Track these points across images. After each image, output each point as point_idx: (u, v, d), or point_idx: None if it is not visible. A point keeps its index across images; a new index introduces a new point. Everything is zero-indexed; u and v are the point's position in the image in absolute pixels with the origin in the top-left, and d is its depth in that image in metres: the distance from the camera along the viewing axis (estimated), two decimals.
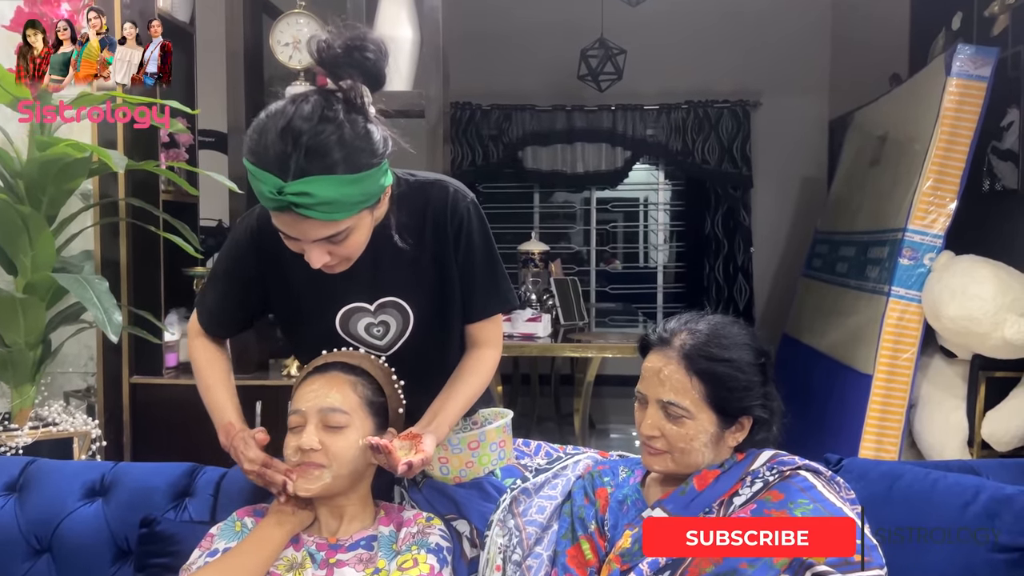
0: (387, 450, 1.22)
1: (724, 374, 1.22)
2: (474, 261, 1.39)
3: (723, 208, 6.15)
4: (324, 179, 1.11)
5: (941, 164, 3.22)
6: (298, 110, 1.13)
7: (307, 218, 1.14)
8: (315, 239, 1.18)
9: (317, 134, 1.11)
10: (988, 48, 3.24)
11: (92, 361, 2.40)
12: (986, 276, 2.90)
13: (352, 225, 1.19)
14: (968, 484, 1.31)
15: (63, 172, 1.96)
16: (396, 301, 1.38)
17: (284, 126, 1.12)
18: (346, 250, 1.23)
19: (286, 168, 1.11)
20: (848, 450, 3.20)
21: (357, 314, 1.39)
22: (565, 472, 1.41)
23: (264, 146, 1.12)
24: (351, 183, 1.14)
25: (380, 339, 1.41)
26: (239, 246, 1.41)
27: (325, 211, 1.13)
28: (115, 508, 1.50)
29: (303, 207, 1.12)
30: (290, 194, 1.11)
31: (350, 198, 1.15)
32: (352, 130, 1.14)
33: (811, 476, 1.20)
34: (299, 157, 1.10)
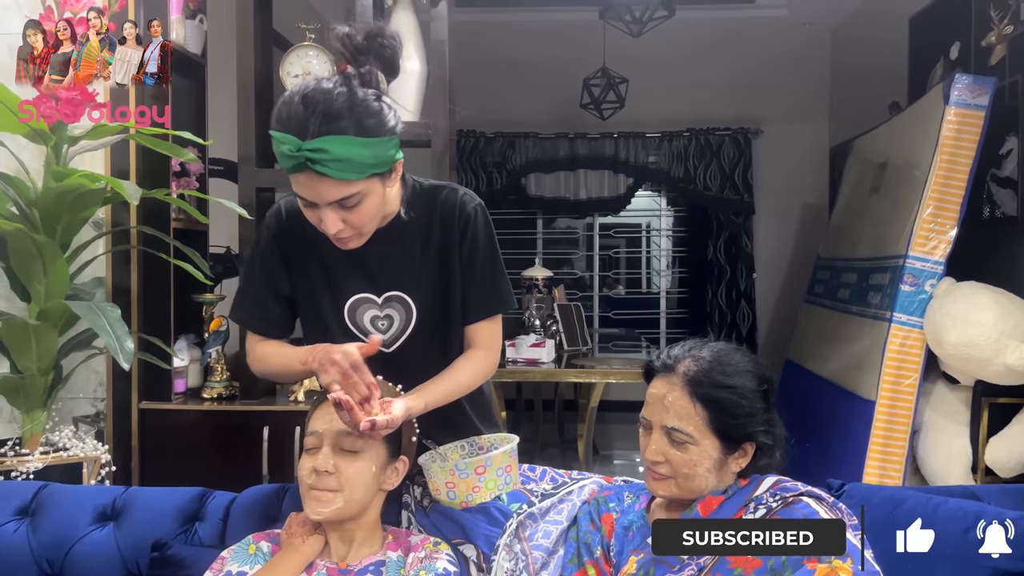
0: (348, 406, 1.23)
1: (727, 400, 1.24)
2: (476, 260, 1.47)
3: (725, 234, 6.19)
4: (337, 138, 1.23)
5: (941, 191, 3.25)
6: (318, 84, 1.27)
7: (323, 177, 1.25)
8: (330, 201, 1.28)
9: (332, 101, 1.24)
10: (986, 78, 3.28)
11: (101, 387, 2.42)
12: (987, 303, 2.92)
13: (363, 190, 1.29)
14: (969, 509, 1.32)
15: (77, 202, 1.99)
16: (401, 296, 1.46)
17: (304, 95, 1.25)
18: (358, 218, 1.31)
19: (304, 129, 1.23)
20: (852, 476, 3.21)
21: (364, 305, 1.46)
22: (571, 497, 1.43)
23: (287, 113, 1.25)
24: (362, 145, 1.25)
25: (384, 332, 1.46)
26: (267, 234, 1.50)
27: (338, 168, 1.24)
28: (126, 532, 1.52)
29: (318, 163, 1.23)
30: (308, 150, 1.22)
31: (362, 158, 1.25)
32: (364, 101, 1.27)
33: (814, 502, 1.21)
34: (315, 119, 1.23)
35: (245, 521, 1.52)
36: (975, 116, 3.23)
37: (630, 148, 6.20)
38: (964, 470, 3.05)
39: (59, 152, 2.03)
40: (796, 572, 1.11)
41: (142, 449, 2.38)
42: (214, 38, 2.73)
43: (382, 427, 1.25)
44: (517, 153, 6.24)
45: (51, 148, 2.01)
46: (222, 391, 2.49)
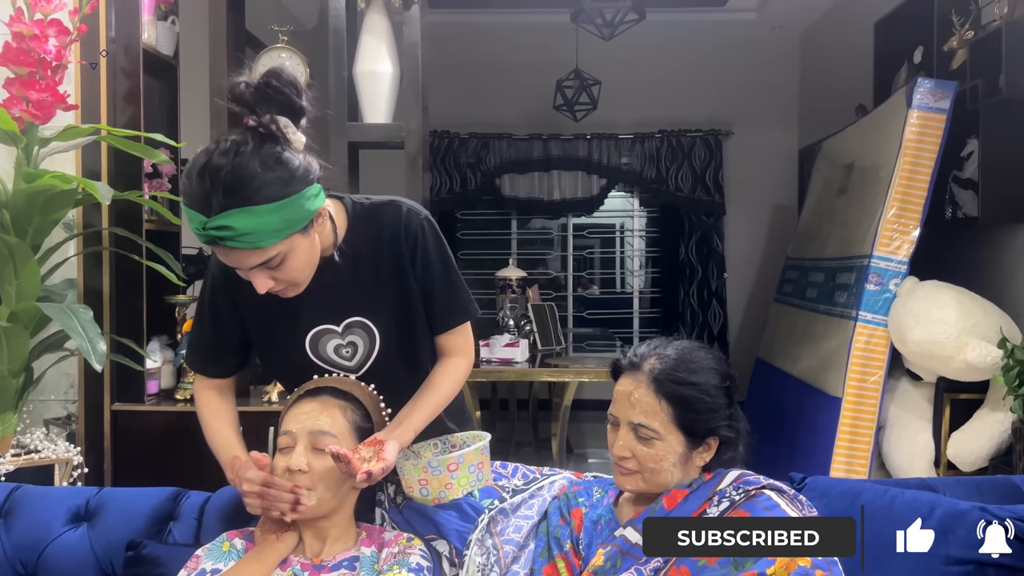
0: (346, 459, 1.25)
1: (691, 397, 1.28)
2: (432, 275, 1.45)
3: (697, 235, 6.27)
4: (242, 211, 1.18)
5: (904, 193, 3.33)
6: (217, 149, 1.21)
7: (235, 248, 1.21)
8: (250, 267, 1.25)
9: (232, 170, 1.18)
10: (947, 82, 3.37)
11: (73, 389, 2.42)
12: (948, 301, 2.99)
13: (284, 250, 1.25)
14: (924, 500, 1.37)
15: (49, 203, 1.99)
16: (362, 321, 1.44)
17: (202, 166, 1.20)
18: (287, 274, 1.28)
19: (208, 205, 1.19)
20: (819, 471, 3.27)
21: (326, 336, 1.45)
22: (541, 492, 1.46)
23: (190, 188, 1.21)
24: (270, 212, 1.20)
25: (349, 360, 1.46)
26: (214, 279, 1.47)
27: (248, 241, 1.20)
28: (100, 533, 1.52)
29: (226, 239, 1.19)
30: (212, 229, 1.19)
31: (270, 226, 1.21)
32: (265, 162, 1.21)
33: (775, 495, 1.25)
34: (217, 194, 1.18)
35: (220, 520, 1.53)
36: (937, 119, 3.31)
37: (603, 149, 6.26)
38: (927, 464, 3.12)
39: (30, 153, 2.03)
40: (758, 562, 1.14)
41: (115, 451, 2.38)
42: (186, 39, 2.73)
43: (378, 475, 1.28)
44: (491, 154, 6.27)
45: (22, 149, 2.01)
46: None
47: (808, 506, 1.29)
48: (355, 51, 2.47)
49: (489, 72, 6.05)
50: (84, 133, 2.05)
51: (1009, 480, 1.52)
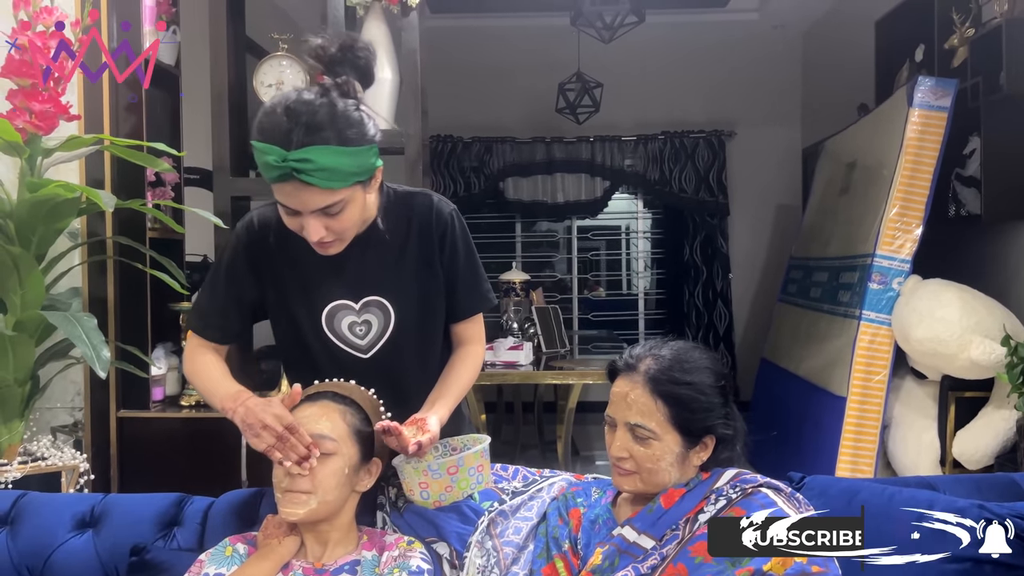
0: (397, 431, 1.32)
1: (687, 396, 1.29)
2: (458, 264, 1.52)
3: (701, 235, 6.27)
4: (321, 148, 1.26)
5: (906, 191, 3.33)
6: (299, 95, 1.31)
7: (307, 186, 1.28)
8: (314, 209, 1.31)
9: (315, 112, 1.28)
10: (947, 80, 3.37)
11: (79, 396, 2.43)
12: (951, 299, 2.99)
13: (346, 198, 1.33)
14: (922, 498, 1.37)
15: (53, 212, 2.01)
16: (379, 300, 1.48)
17: (287, 106, 1.29)
18: (340, 224, 1.35)
19: (288, 140, 1.26)
20: (825, 470, 3.27)
21: (342, 312, 1.48)
22: (540, 494, 1.47)
23: (270, 124, 1.28)
24: (345, 154, 1.29)
25: (362, 338, 1.49)
26: (237, 243, 1.51)
27: (323, 177, 1.27)
28: (105, 538, 1.54)
29: (304, 172, 1.26)
30: (293, 160, 1.25)
31: (345, 167, 1.29)
32: (345, 111, 1.30)
33: (772, 493, 1.26)
34: (299, 130, 1.26)
35: (223, 525, 1.54)
36: (938, 117, 3.31)
37: (606, 151, 6.26)
38: (933, 463, 3.12)
39: (33, 163, 2.05)
40: (754, 559, 1.15)
41: (120, 457, 2.40)
42: (187, 48, 2.75)
43: (427, 446, 1.35)
44: (494, 157, 6.29)
45: (25, 160, 2.02)
46: (200, 399, 2.51)
47: (805, 504, 1.29)
48: None
49: (491, 76, 6.06)
50: (87, 143, 2.07)
51: (1009, 477, 1.52)
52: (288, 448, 1.29)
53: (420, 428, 1.37)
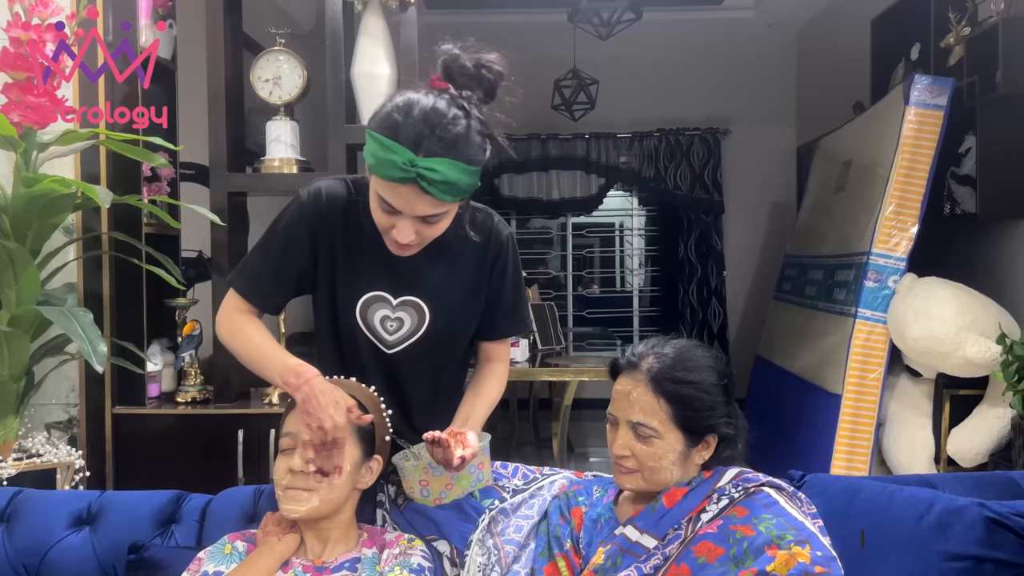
0: (446, 443, 1.34)
1: (689, 395, 1.29)
2: (505, 286, 1.54)
3: (696, 233, 6.27)
4: (452, 163, 1.27)
5: (902, 189, 3.33)
6: (435, 102, 1.29)
7: (423, 194, 1.27)
8: (418, 215, 1.31)
9: (452, 123, 1.27)
10: (944, 78, 3.37)
11: (74, 392, 2.42)
12: (947, 297, 3.00)
13: (448, 211, 1.34)
14: (922, 497, 1.38)
15: (48, 207, 2.00)
16: (417, 302, 1.48)
17: (425, 109, 1.27)
18: (432, 232, 1.36)
19: (419, 144, 1.25)
20: (820, 468, 3.28)
21: (378, 303, 1.47)
22: (541, 492, 1.46)
23: (405, 124, 1.26)
24: (466, 172, 1.30)
25: (391, 334, 1.49)
26: (300, 210, 1.47)
27: (442, 190, 1.27)
28: (102, 536, 1.52)
29: (428, 182, 1.26)
30: (422, 168, 1.25)
31: (463, 183, 1.30)
32: (478, 128, 1.31)
33: (774, 492, 1.26)
34: (434, 140, 1.26)
35: (222, 522, 1.53)
36: (934, 116, 3.32)
37: (601, 148, 6.26)
38: (927, 461, 3.13)
39: (29, 158, 2.03)
40: (757, 559, 1.15)
41: (116, 454, 2.38)
42: (184, 43, 2.73)
43: (469, 460, 1.36)
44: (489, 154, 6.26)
45: (20, 154, 2.01)
46: (196, 395, 2.50)
47: (807, 503, 1.29)
48: (352, 53, 2.47)
49: None
50: (83, 137, 2.06)
51: (1008, 476, 1.53)
52: (321, 457, 1.29)
53: (460, 442, 1.37)
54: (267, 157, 2.53)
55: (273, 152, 2.52)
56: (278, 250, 1.47)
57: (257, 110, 2.85)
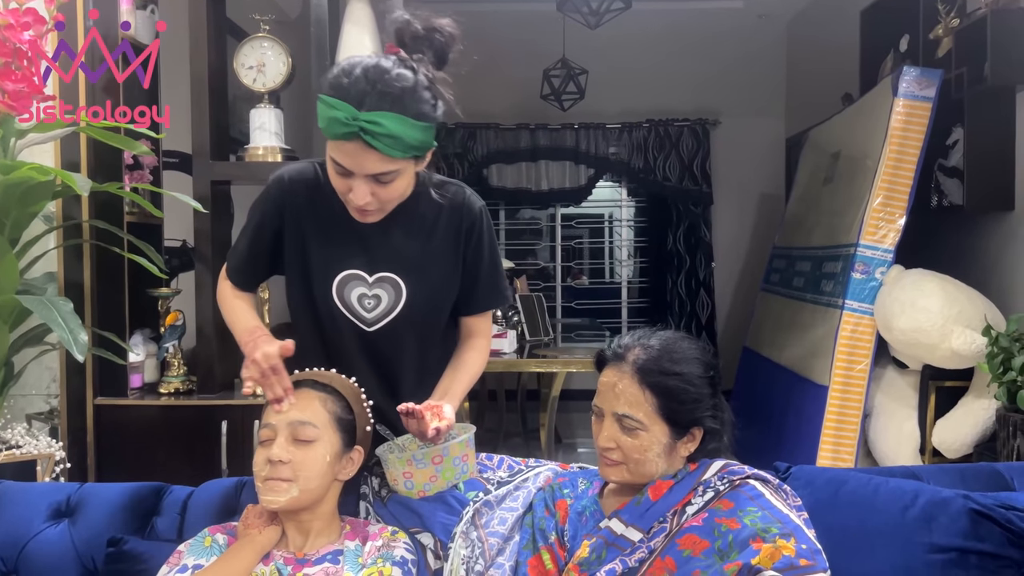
0: (420, 415, 1.34)
1: (675, 387, 1.28)
2: (481, 259, 1.54)
3: (684, 224, 6.27)
4: (393, 116, 1.28)
5: (890, 181, 3.33)
6: (378, 61, 1.32)
7: (368, 149, 1.29)
8: (368, 173, 1.33)
9: (396, 80, 1.30)
10: (932, 70, 3.37)
11: (55, 383, 2.39)
12: (933, 289, 3.01)
13: (400, 168, 1.35)
14: (908, 488, 1.37)
15: (27, 195, 1.96)
16: (393, 278, 1.48)
17: (367, 68, 1.30)
18: (387, 194, 1.37)
19: (362, 101, 1.28)
20: (806, 459, 3.29)
21: (354, 281, 1.48)
22: (526, 484, 1.45)
23: (347, 82, 1.30)
24: (412, 126, 1.31)
25: (369, 311, 1.49)
26: (267, 197, 1.52)
27: (387, 144, 1.29)
28: (81, 529, 1.51)
29: (371, 135, 1.27)
30: (364, 121, 1.27)
31: (409, 138, 1.31)
32: (424, 84, 1.33)
33: (759, 485, 1.25)
34: (375, 94, 1.28)
35: (203, 515, 1.52)
36: (922, 108, 3.31)
37: (591, 139, 6.24)
38: (913, 452, 3.14)
39: (7, 145, 2.00)
40: (742, 552, 1.14)
41: (98, 445, 2.36)
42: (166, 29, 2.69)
43: (444, 432, 1.37)
44: (478, 144, 6.25)
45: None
46: (179, 386, 2.48)
47: (793, 496, 1.29)
48: (338, 41, 2.44)
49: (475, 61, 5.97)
50: (62, 124, 2.02)
51: (992, 467, 1.53)
52: (267, 385, 1.32)
53: (436, 414, 1.38)
54: (251, 145, 2.50)
55: (257, 140, 2.49)
56: (249, 233, 1.55)
57: (241, 98, 2.81)
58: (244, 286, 1.59)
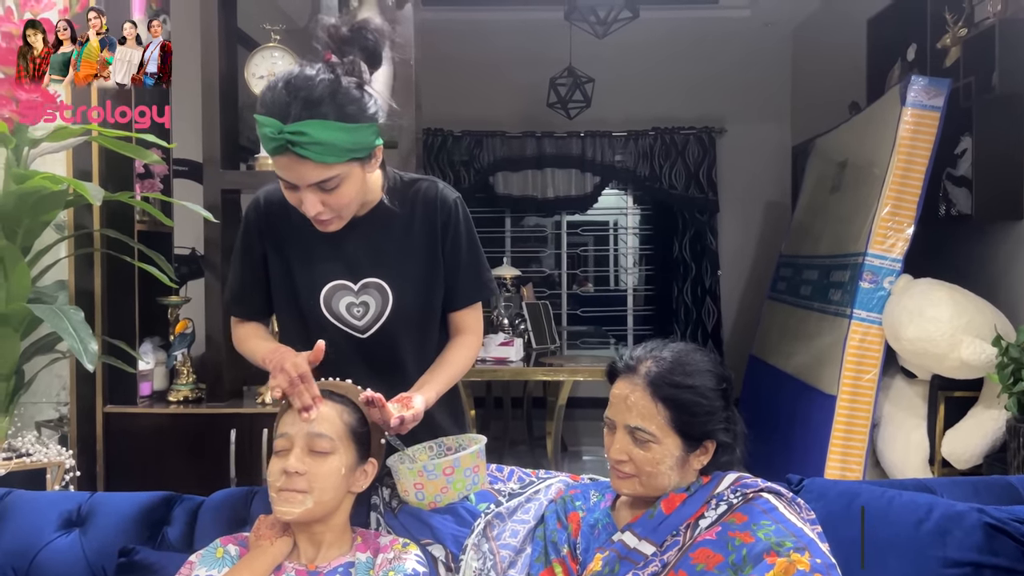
0: (381, 403, 1.33)
1: (688, 400, 1.27)
2: (460, 252, 1.54)
3: (690, 232, 6.27)
4: (318, 123, 1.29)
5: (899, 190, 3.33)
6: (301, 71, 1.33)
7: (303, 160, 1.30)
8: (310, 183, 1.34)
9: (314, 87, 1.30)
10: (940, 80, 3.37)
11: (65, 391, 2.40)
12: (942, 299, 3.00)
13: (342, 173, 1.35)
14: (922, 502, 1.37)
15: (39, 204, 1.97)
16: (378, 283, 1.50)
17: (288, 80, 1.31)
18: (337, 200, 1.37)
19: (286, 113, 1.29)
20: (814, 469, 3.28)
21: (340, 292, 1.50)
22: (538, 496, 1.45)
23: (271, 97, 1.31)
24: (341, 130, 1.30)
25: (359, 319, 1.51)
26: (247, 224, 1.56)
27: (318, 152, 1.29)
28: (92, 538, 1.51)
29: (299, 146, 1.29)
30: (289, 133, 1.28)
31: (341, 143, 1.31)
32: (346, 88, 1.32)
33: (773, 498, 1.25)
34: (297, 104, 1.29)
35: (213, 525, 1.51)
36: (931, 117, 3.31)
37: (596, 147, 6.25)
38: (922, 462, 3.13)
39: (19, 154, 2.01)
40: (756, 567, 1.14)
41: (107, 453, 2.36)
42: (177, 38, 2.70)
43: (409, 422, 1.36)
44: (484, 152, 6.26)
45: (11, 150, 1.99)
46: (188, 394, 2.48)
47: (806, 509, 1.28)
48: None
49: (482, 70, 6.02)
50: (75, 134, 2.03)
51: (1006, 480, 1.52)
52: (296, 394, 1.31)
53: (404, 405, 1.38)
54: (261, 154, 2.51)
55: None
56: (238, 262, 1.58)
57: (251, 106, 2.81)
58: (251, 315, 1.60)
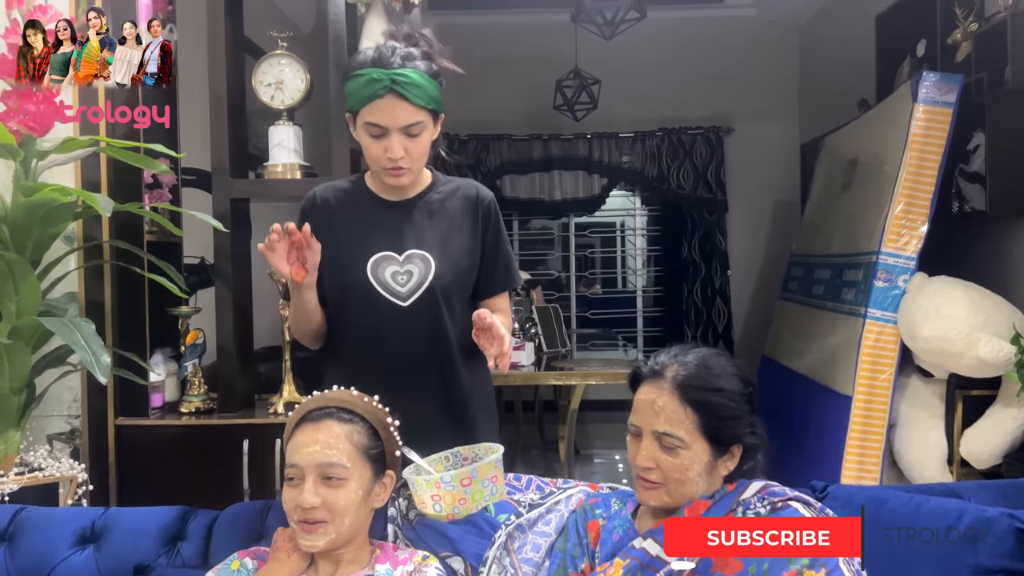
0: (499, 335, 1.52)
1: (716, 403, 1.25)
2: (499, 243, 1.75)
3: (699, 232, 6.24)
4: (417, 72, 1.57)
5: (911, 188, 3.29)
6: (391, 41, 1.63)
7: (401, 100, 1.55)
8: (401, 125, 1.56)
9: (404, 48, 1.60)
10: (952, 75, 3.33)
11: (76, 404, 2.38)
12: (958, 296, 2.96)
13: (424, 121, 1.59)
14: (951, 508, 1.34)
15: (48, 216, 1.96)
16: (422, 254, 1.66)
17: (382, 46, 1.61)
18: (416, 148, 1.60)
19: (390, 63, 1.56)
20: (830, 471, 3.24)
21: (386, 261, 1.65)
22: (558, 507, 1.42)
23: (374, 54, 1.58)
24: (429, 81, 1.59)
25: (403, 286, 1.64)
26: (302, 215, 1.72)
27: (414, 93, 1.55)
28: (107, 555, 1.50)
29: (400, 85, 1.54)
30: (396, 74, 1.54)
31: (430, 90, 1.59)
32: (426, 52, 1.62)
33: (802, 507, 1.22)
34: (399, 55, 1.58)
35: (229, 539, 1.50)
36: (943, 113, 3.27)
37: (604, 148, 6.23)
38: (940, 463, 3.09)
39: (28, 166, 1.99)
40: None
41: (119, 466, 2.35)
42: (184, 47, 2.69)
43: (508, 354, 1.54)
44: (491, 155, 6.24)
45: (19, 163, 1.97)
46: (200, 405, 2.46)
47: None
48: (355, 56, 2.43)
49: (488, 73, 5.98)
50: (83, 145, 2.02)
51: None
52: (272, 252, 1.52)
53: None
54: (270, 163, 2.49)
55: (276, 157, 2.48)
56: None
57: (259, 114, 2.80)
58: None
